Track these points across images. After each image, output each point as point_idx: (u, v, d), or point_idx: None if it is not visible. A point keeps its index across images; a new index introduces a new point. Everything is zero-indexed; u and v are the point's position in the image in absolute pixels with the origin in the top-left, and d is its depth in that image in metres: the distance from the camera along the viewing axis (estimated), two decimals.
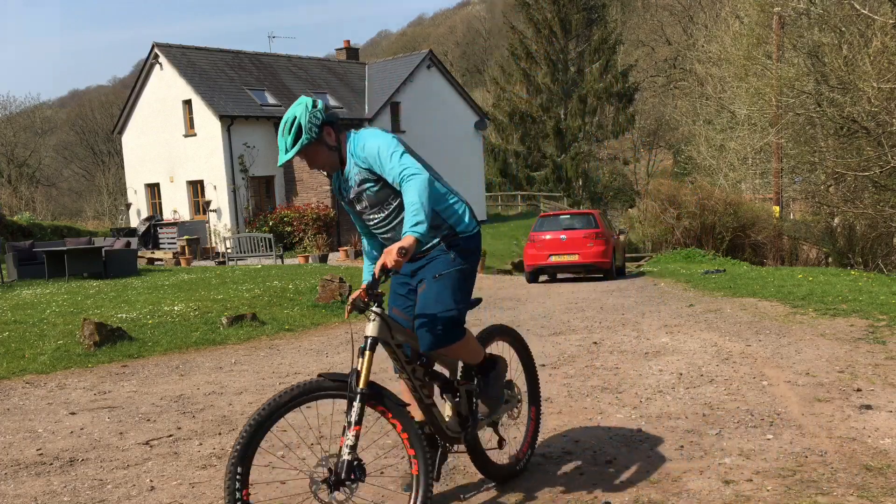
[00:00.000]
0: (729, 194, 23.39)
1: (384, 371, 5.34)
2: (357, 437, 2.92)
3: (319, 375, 3.04)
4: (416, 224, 2.91)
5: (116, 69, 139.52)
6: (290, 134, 3.08)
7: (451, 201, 3.37)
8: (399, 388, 3.48)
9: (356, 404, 2.92)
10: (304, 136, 3.07)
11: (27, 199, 43.54)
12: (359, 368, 2.97)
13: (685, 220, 22.23)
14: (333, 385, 2.99)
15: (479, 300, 3.50)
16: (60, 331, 8.54)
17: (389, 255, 2.88)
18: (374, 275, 3.04)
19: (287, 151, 3.09)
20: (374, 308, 3.11)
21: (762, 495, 3.31)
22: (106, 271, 15.10)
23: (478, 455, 3.47)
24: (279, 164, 3.24)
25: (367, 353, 3.02)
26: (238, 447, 2.84)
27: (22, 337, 8.32)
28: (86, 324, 7.95)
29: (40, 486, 3.86)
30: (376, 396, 3.01)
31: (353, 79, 30.65)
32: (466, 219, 3.37)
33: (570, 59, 40.77)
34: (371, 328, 3.12)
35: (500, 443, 3.60)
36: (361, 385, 2.94)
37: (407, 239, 2.87)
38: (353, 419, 2.91)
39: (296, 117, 3.08)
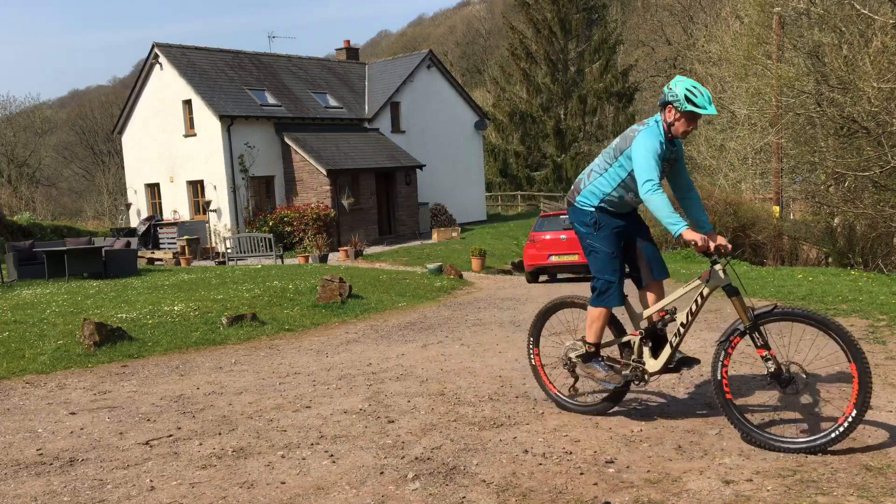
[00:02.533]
0: (729, 194, 23.37)
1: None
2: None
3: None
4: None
5: (116, 69, 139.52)
6: (709, 98, 4.07)
7: None
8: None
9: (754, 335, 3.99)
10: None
11: (27, 199, 43.55)
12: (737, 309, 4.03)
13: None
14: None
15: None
16: (60, 331, 8.54)
17: (721, 240, 4.12)
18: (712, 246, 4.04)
19: (714, 109, 4.10)
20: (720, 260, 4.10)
21: (762, 495, 3.31)
22: (106, 271, 15.10)
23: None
24: (709, 113, 4.08)
25: (735, 297, 4.01)
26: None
27: (22, 337, 8.32)
28: (86, 324, 7.95)
29: (40, 486, 3.86)
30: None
31: (353, 79, 30.65)
32: None
33: (570, 59, 40.76)
34: (726, 277, 4.07)
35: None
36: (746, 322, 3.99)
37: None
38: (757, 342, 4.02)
39: (703, 88, 4.09)
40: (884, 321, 7.19)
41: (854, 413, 3.67)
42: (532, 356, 5.01)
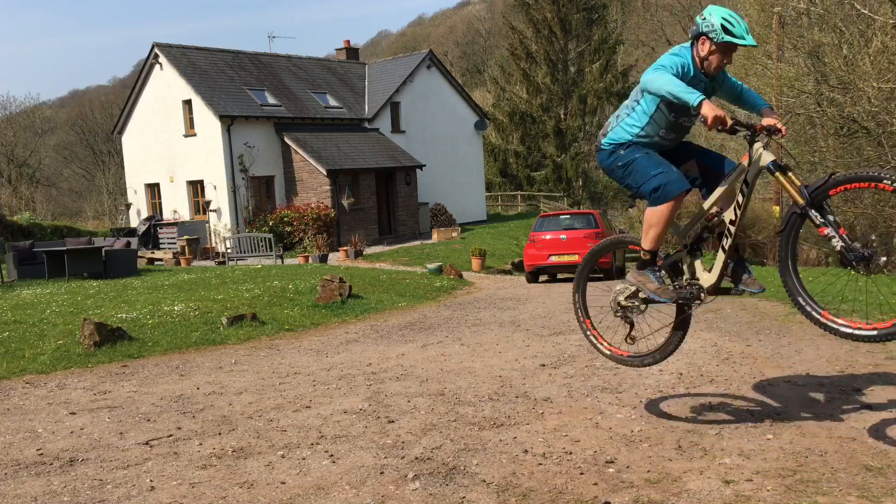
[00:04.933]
0: None
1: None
2: None
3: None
4: None
5: (116, 69, 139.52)
6: (746, 28, 3.72)
7: None
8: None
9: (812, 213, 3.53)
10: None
11: (27, 199, 43.54)
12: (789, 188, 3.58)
13: (684, 220, 22.21)
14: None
15: None
16: (60, 331, 8.54)
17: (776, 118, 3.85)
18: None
19: (752, 39, 3.74)
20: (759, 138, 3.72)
21: (762, 495, 3.31)
22: (106, 271, 15.10)
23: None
24: (748, 44, 3.73)
25: (782, 174, 3.61)
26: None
27: (22, 337, 8.32)
28: (86, 324, 7.95)
29: (40, 486, 3.86)
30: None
31: (353, 79, 30.65)
32: None
33: (570, 59, 40.76)
34: (768, 155, 3.68)
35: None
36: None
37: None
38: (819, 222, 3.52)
39: (740, 17, 3.77)
40: None
41: None
42: (580, 314, 4.64)
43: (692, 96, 3.57)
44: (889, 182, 3.29)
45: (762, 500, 3.27)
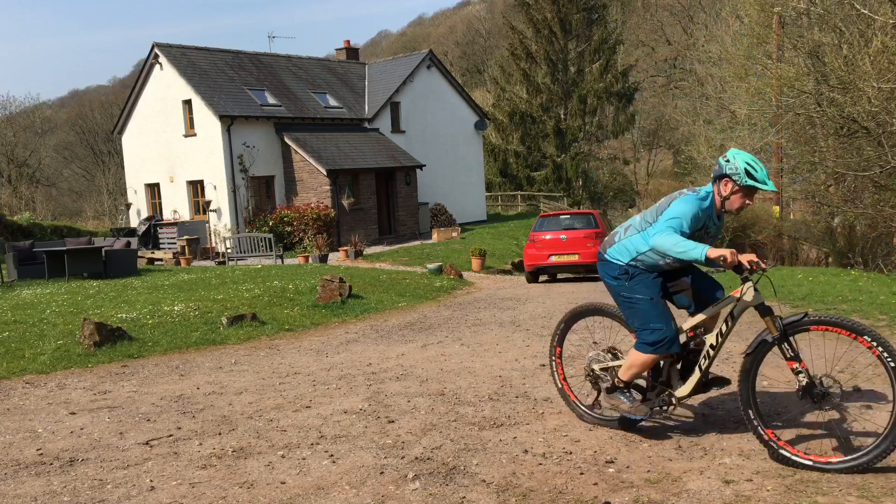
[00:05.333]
0: None
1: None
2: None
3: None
4: None
5: (116, 69, 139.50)
6: (766, 173, 3.89)
7: None
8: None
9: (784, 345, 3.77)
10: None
11: (27, 199, 43.52)
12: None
13: None
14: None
15: None
16: (60, 331, 8.54)
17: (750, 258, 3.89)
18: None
19: (772, 185, 3.89)
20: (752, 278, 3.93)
21: (762, 495, 3.31)
22: (106, 271, 15.10)
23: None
24: (768, 190, 3.89)
25: (768, 317, 3.80)
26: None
27: (22, 337, 8.32)
28: (86, 324, 7.95)
29: (40, 486, 3.86)
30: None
31: (353, 79, 30.64)
32: None
33: (570, 59, 40.75)
34: (758, 296, 3.88)
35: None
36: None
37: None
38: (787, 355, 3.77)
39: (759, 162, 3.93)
40: (884, 321, 7.19)
41: (885, 440, 3.42)
42: (555, 368, 4.79)
43: (697, 252, 3.77)
44: (868, 339, 3.51)
45: (762, 500, 3.27)
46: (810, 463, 3.57)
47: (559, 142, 40.53)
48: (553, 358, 4.81)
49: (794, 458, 3.61)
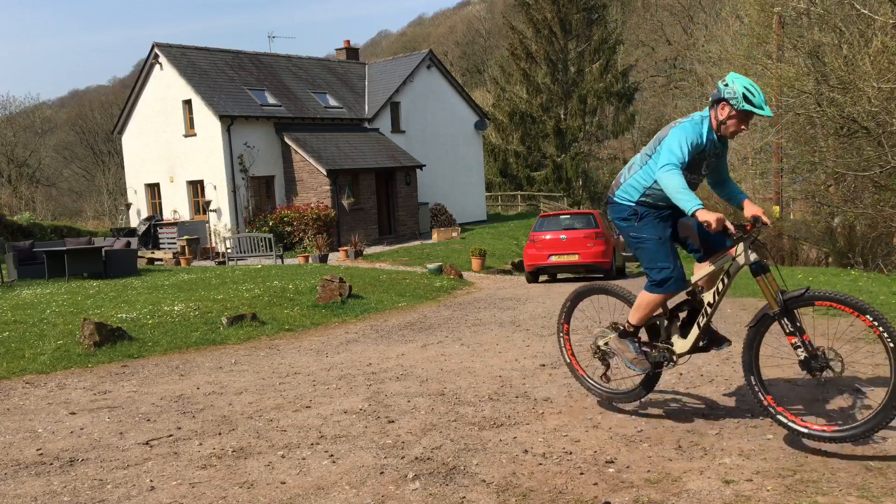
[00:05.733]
0: None
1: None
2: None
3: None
4: None
5: (116, 69, 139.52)
6: (764, 99, 3.91)
7: None
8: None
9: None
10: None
11: (27, 199, 43.54)
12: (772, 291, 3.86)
13: None
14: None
15: None
16: (60, 331, 8.54)
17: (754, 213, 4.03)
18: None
19: (769, 110, 3.91)
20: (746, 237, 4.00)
21: (762, 495, 3.31)
22: (106, 271, 15.10)
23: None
24: (764, 115, 3.92)
25: (761, 276, 3.89)
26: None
27: (22, 337, 8.32)
28: (86, 324, 7.95)
29: (40, 486, 3.86)
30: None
31: (353, 79, 30.64)
32: None
33: (570, 59, 40.74)
34: (750, 256, 3.96)
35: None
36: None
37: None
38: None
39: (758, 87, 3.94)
40: None
41: (879, 414, 3.53)
42: (563, 344, 4.94)
43: (688, 205, 3.82)
44: (871, 318, 3.53)
45: (762, 500, 3.27)
46: (806, 430, 3.69)
47: (559, 142, 40.52)
48: (561, 335, 4.96)
49: (790, 424, 3.73)
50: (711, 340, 4.28)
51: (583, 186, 41.08)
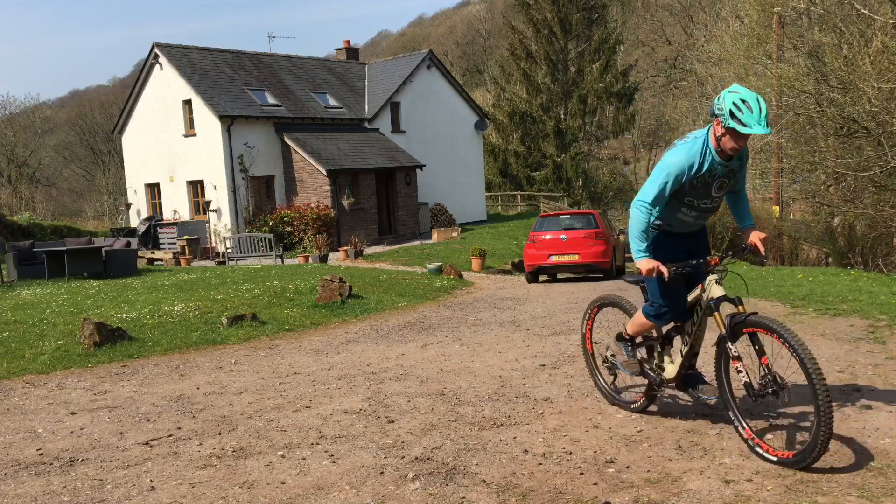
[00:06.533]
0: None
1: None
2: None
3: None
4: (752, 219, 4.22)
5: (116, 69, 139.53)
6: (764, 115, 3.63)
7: None
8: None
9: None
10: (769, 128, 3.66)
11: (27, 199, 43.53)
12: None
13: None
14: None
15: None
16: (60, 331, 8.54)
17: (763, 235, 4.01)
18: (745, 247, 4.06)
19: (765, 128, 3.63)
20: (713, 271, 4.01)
21: (762, 495, 3.31)
22: (106, 271, 15.10)
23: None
24: (755, 133, 3.64)
25: (716, 312, 3.89)
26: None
27: (22, 337, 8.32)
28: (86, 324, 7.95)
29: (40, 486, 3.86)
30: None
31: (353, 79, 30.64)
32: None
33: (570, 59, 40.74)
34: (710, 294, 3.94)
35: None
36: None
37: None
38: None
39: (763, 102, 3.66)
40: (884, 321, 7.19)
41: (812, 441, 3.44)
42: (585, 344, 5.08)
43: (635, 254, 3.94)
44: (779, 335, 3.54)
45: (762, 500, 3.27)
46: (775, 459, 3.64)
47: (559, 142, 40.52)
48: (584, 340, 5.10)
49: (764, 454, 3.70)
50: (692, 378, 4.26)
51: (583, 186, 41.07)
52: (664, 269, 3.87)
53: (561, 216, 15.99)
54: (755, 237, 4.00)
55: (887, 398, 4.64)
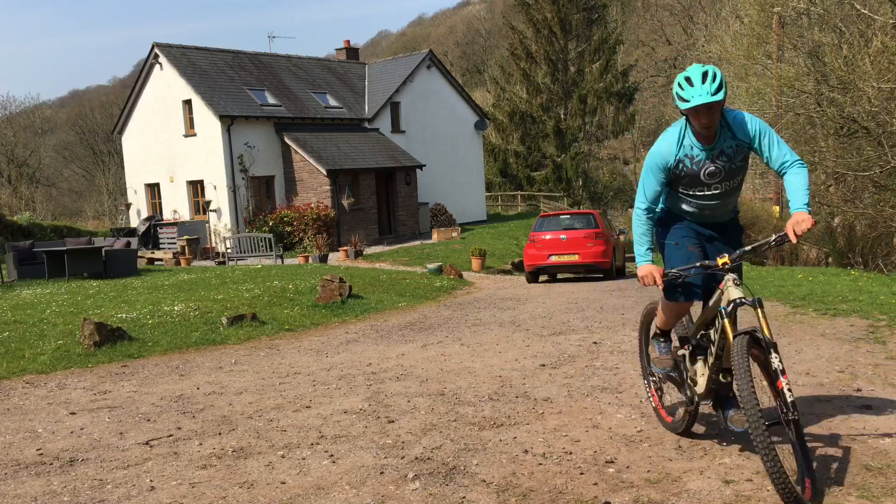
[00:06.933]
0: None
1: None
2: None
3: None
4: (808, 203, 3.57)
5: (116, 69, 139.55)
6: (712, 82, 3.44)
7: None
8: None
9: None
10: (724, 91, 3.43)
11: (27, 199, 43.52)
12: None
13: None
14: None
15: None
16: (60, 331, 8.54)
17: (803, 224, 3.45)
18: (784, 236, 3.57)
19: (712, 95, 3.42)
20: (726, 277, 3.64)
21: (762, 495, 3.31)
22: (106, 271, 15.10)
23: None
24: (700, 103, 3.44)
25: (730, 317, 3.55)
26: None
27: (22, 337, 8.32)
28: (86, 324, 7.95)
29: (40, 486, 3.86)
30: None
31: (353, 79, 30.64)
32: None
33: (570, 59, 40.73)
34: (722, 298, 3.62)
35: None
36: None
37: (809, 216, 3.48)
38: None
39: (714, 72, 3.47)
40: (884, 321, 7.19)
41: None
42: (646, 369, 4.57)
43: (638, 258, 3.78)
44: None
45: (762, 500, 3.27)
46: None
47: (559, 142, 40.52)
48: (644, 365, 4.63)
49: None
50: (724, 400, 3.84)
51: (583, 186, 41.07)
52: (657, 277, 3.60)
53: (561, 216, 15.99)
54: (790, 224, 3.51)
55: (887, 398, 4.64)
